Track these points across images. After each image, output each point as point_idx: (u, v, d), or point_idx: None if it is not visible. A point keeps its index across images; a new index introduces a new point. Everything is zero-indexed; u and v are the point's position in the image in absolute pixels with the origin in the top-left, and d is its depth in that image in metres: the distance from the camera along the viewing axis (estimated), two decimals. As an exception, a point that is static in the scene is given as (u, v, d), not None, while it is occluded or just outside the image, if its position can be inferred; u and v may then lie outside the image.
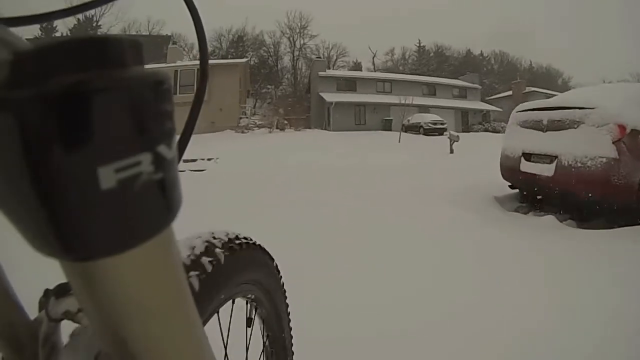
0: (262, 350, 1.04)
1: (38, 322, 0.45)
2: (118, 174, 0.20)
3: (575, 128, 4.65)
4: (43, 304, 0.47)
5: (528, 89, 40.32)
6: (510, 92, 42.39)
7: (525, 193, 5.84)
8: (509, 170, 5.66)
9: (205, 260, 0.68)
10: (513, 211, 5.46)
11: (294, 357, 1.15)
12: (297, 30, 55.55)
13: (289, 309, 1.11)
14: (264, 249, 0.92)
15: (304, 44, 56.15)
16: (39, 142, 0.18)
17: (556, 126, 4.87)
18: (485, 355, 1.91)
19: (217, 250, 0.72)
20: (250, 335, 0.97)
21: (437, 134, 26.44)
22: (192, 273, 0.64)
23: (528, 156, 5.17)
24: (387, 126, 30.70)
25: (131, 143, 0.20)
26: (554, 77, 64.27)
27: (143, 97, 0.21)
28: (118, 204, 0.20)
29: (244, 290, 0.86)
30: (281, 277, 1.04)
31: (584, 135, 4.53)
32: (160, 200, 0.23)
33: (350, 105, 31.39)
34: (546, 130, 4.98)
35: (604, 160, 4.33)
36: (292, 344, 1.13)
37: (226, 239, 0.78)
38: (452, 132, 16.60)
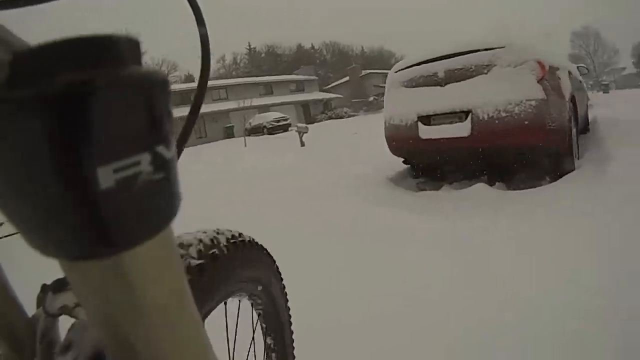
0: (264, 348, 1.02)
1: (36, 318, 0.46)
2: (117, 174, 0.19)
3: (485, 73, 3.61)
4: (41, 299, 0.47)
5: (364, 72, 41.59)
6: (347, 78, 43.19)
7: (420, 165, 4.77)
8: (402, 142, 4.38)
9: (202, 259, 0.66)
10: (419, 190, 4.31)
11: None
12: (124, 50, 51.77)
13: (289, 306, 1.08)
14: (262, 247, 0.90)
15: (131, 63, 52.12)
16: (38, 142, 0.18)
17: (458, 76, 3.77)
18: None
19: (214, 249, 0.71)
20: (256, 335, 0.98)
21: (281, 130, 25.94)
22: (189, 273, 0.62)
23: (427, 119, 3.98)
24: (229, 133, 29.69)
25: (130, 143, 0.20)
26: (387, 58, 67.83)
27: (142, 97, 0.20)
28: (117, 203, 0.20)
29: (243, 289, 0.84)
30: (281, 275, 1.00)
31: (501, 78, 3.53)
32: (159, 200, 0.23)
33: (187, 119, 29.39)
34: (445, 84, 3.85)
35: (533, 102, 3.38)
36: (292, 340, 1.09)
37: (223, 237, 0.76)
38: (299, 125, 15.50)
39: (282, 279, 1.01)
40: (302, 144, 14.39)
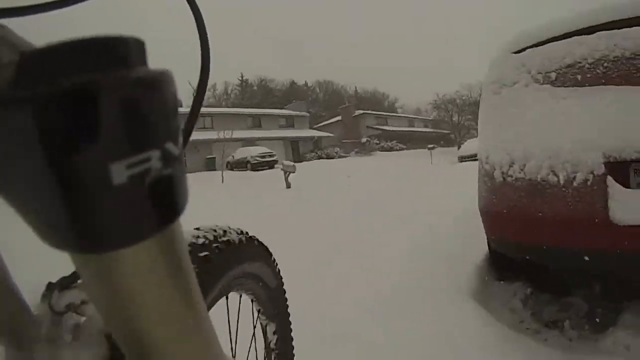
0: (264, 345, 1.01)
1: (41, 315, 0.44)
2: (129, 170, 0.20)
3: None
4: (46, 297, 0.45)
5: (358, 112, 39.75)
6: (339, 117, 41.31)
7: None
8: (545, 226, 1.75)
9: (200, 253, 0.67)
10: (558, 335, 1.79)
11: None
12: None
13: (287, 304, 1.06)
14: (261, 243, 0.89)
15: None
16: (54, 140, 0.18)
17: None
18: None
19: (213, 243, 0.71)
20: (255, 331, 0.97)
21: (266, 167, 23.91)
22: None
23: (626, 173, 1.49)
24: (210, 165, 27.56)
25: (141, 140, 0.21)
26: (380, 100, 66.53)
27: (150, 96, 0.21)
28: (129, 198, 0.21)
29: (241, 285, 0.84)
30: (279, 272, 0.98)
31: None
32: (168, 195, 0.23)
33: (165, 145, 27.19)
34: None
35: None
36: (292, 338, 1.07)
37: (222, 232, 0.76)
38: (285, 162, 13.14)
39: (280, 276, 0.99)
40: (288, 186, 12.17)
